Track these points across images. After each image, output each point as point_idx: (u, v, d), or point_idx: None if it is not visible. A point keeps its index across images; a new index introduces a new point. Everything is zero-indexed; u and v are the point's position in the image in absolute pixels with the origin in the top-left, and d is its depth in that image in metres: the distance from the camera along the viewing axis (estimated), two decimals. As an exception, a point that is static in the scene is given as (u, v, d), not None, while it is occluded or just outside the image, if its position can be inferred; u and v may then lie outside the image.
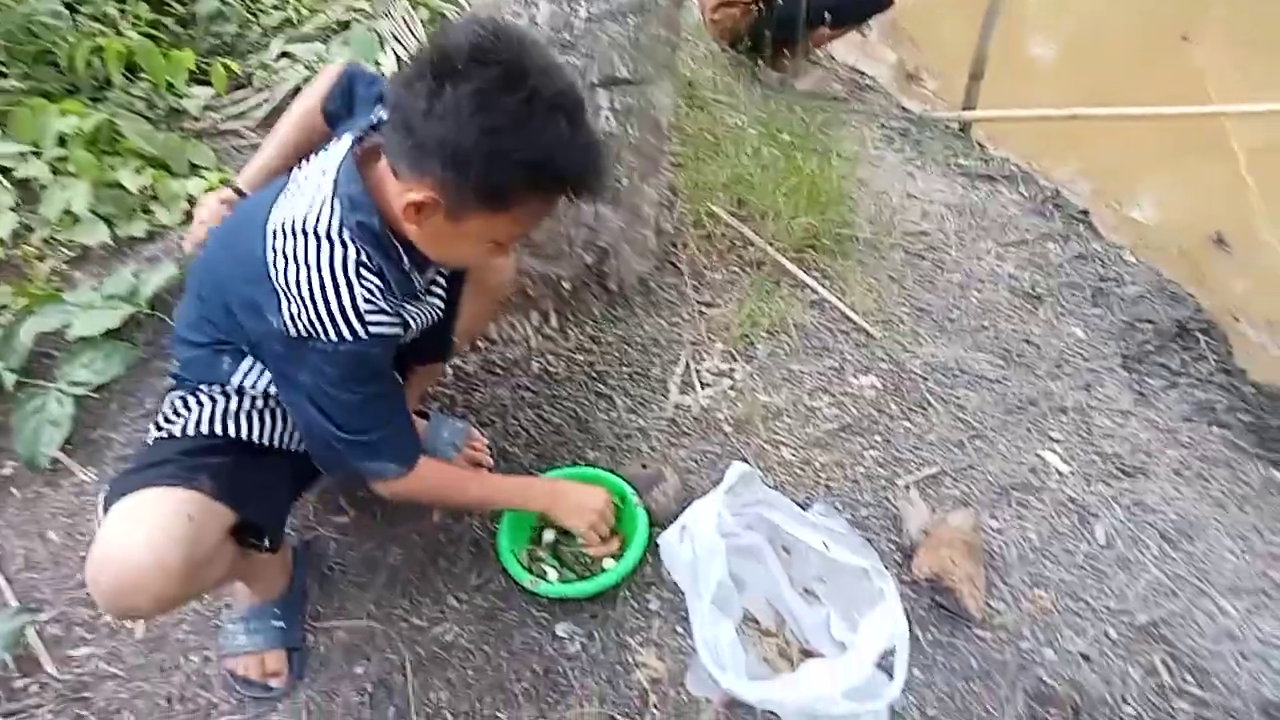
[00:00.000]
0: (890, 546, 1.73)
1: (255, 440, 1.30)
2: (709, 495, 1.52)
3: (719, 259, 2.32)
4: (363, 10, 2.97)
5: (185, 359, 1.32)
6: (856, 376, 2.07)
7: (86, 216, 2.08)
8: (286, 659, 1.48)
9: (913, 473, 1.87)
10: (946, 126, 3.24)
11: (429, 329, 1.47)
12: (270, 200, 1.21)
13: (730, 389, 2.00)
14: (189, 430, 1.25)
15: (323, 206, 1.17)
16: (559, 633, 1.56)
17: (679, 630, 1.56)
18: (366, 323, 1.15)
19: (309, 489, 1.58)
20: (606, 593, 1.58)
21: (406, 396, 1.71)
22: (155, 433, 1.28)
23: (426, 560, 1.65)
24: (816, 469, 1.86)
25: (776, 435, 1.91)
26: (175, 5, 2.77)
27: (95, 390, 1.84)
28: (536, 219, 1.25)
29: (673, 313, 2.16)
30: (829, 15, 3.04)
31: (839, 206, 2.49)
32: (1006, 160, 3.15)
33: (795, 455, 1.88)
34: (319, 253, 1.14)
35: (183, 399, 1.29)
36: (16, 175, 2.05)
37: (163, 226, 2.17)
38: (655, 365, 2.03)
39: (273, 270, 1.13)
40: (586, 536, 1.57)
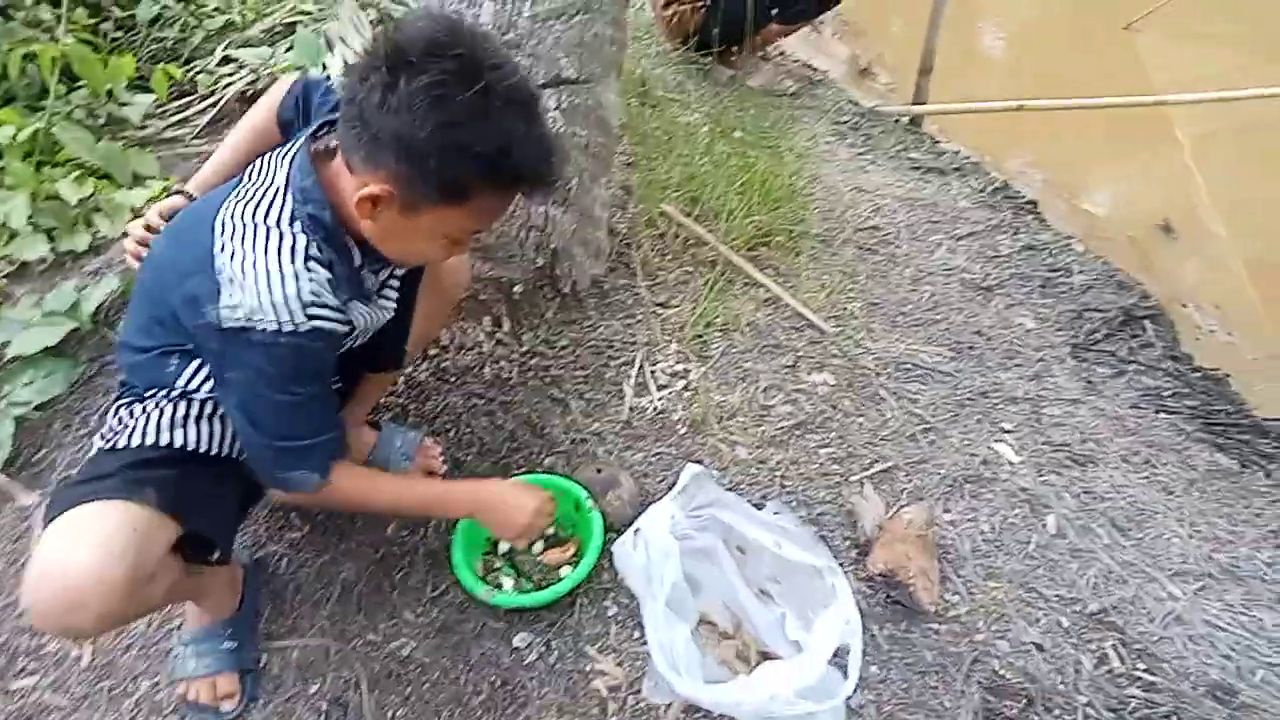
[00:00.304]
0: (846, 543, 1.74)
1: (203, 450, 1.27)
2: (663, 499, 1.52)
3: (673, 258, 2.32)
4: (308, 13, 2.92)
5: (132, 364, 1.29)
6: (810, 373, 2.08)
7: (25, 230, 2.03)
8: (239, 681, 1.45)
9: (867, 468, 1.88)
10: (897, 120, 3.27)
11: (381, 335, 1.46)
12: (222, 197, 1.20)
13: (685, 389, 2.00)
14: (134, 441, 1.23)
15: (274, 198, 1.17)
16: (516, 643, 1.55)
17: (637, 636, 1.56)
18: (309, 314, 1.14)
19: (260, 500, 1.56)
20: (563, 600, 1.57)
21: (360, 406, 1.70)
22: (100, 444, 1.26)
23: (381, 574, 1.63)
24: (772, 467, 1.86)
25: (731, 435, 1.92)
26: (114, 10, 2.71)
27: (37, 409, 1.80)
28: (492, 214, 1.26)
29: (627, 314, 2.16)
30: (775, 13, 3.05)
31: (791, 203, 2.50)
32: (957, 153, 3.18)
33: (750, 454, 1.88)
34: (267, 240, 1.13)
35: (128, 408, 1.27)
36: (-52, 189, 2.00)
37: (106, 239, 2.12)
38: (609, 368, 2.02)
39: (218, 260, 1.12)
40: (516, 544, 1.56)
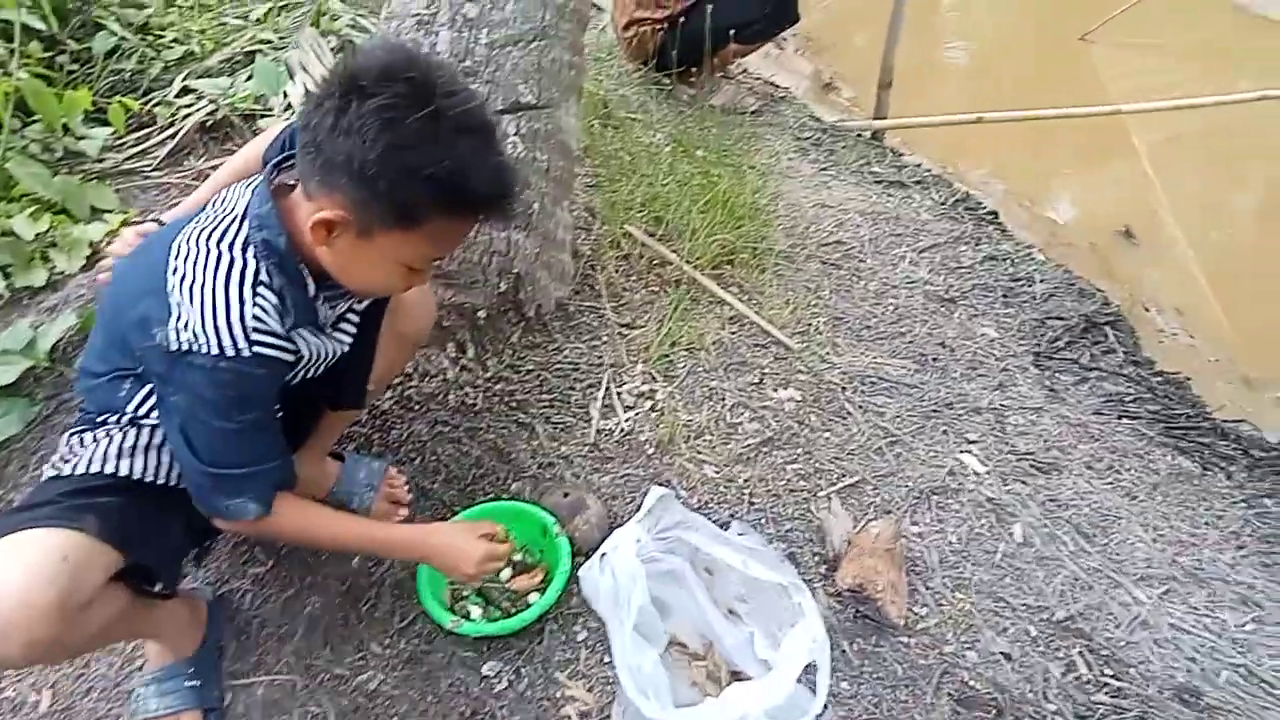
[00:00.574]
0: (815, 558, 1.74)
1: (150, 479, 1.26)
2: (629, 522, 1.52)
3: (637, 279, 2.33)
4: (268, 41, 2.92)
5: (88, 389, 1.29)
6: (776, 390, 2.09)
7: (-22, 267, 2.00)
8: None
9: (834, 483, 1.89)
10: (859, 135, 3.31)
11: (342, 373, 1.45)
12: (185, 223, 1.21)
13: (652, 410, 2.00)
14: (80, 469, 1.22)
15: (230, 223, 1.18)
16: (486, 672, 1.53)
17: (607, 660, 1.55)
18: (251, 340, 1.13)
19: (218, 534, 1.54)
20: (532, 627, 1.56)
21: (322, 440, 1.68)
22: (48, 472, 1.24)
23: (347, 606, 1.62)
24: (740, 485, 1.87)
25: (699, 454, 1.92)
26: (69, 43, 2.69)
27: (-8, 450, 1.77)
28: (448, 241, 1.25)
29: (592, 336, 2.16)
30: (734, 33, 3.08)
31: (755, 220, 2.51)
32: (919, 166, 3.22)
33: (718, 473, 1.89)
34: (217, 264, 1.14)
35: (79, 436, 1.26)
36: (-101, 227, 1.98)
37: (63, 274, 2.10)
38: (576, 391, 2.02)
39: (169, 282, 1.13)
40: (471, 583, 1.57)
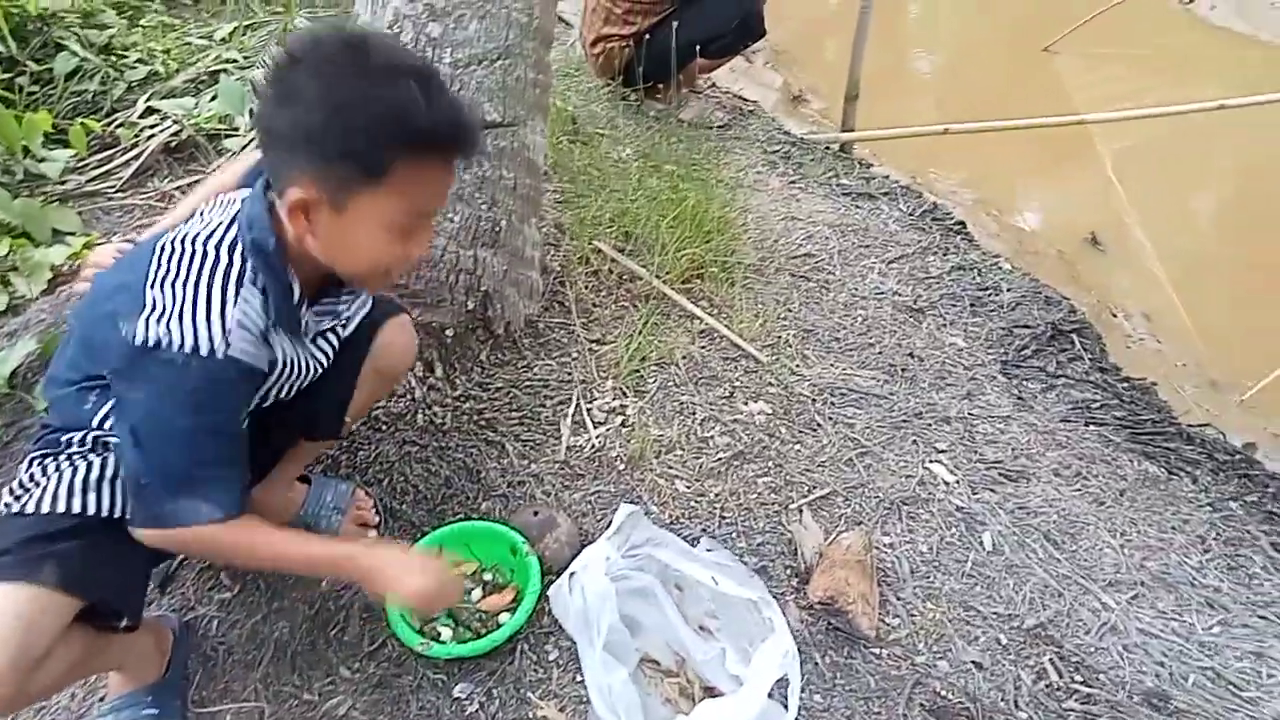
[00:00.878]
0: (787, 571, 1.74)
1: (110, 514, 1.22)
2: (598, 540, 1.52)
3: (607, 294, 2.33)
4: (233, 61, 2.91)
5: (55, 398, 1.27)
6: (747, 403, 2.10)
7: (-65, 293, 1.98)
8: (161, 750, 1.40)
9: (805, 495, 1.89)
10: (827, 148, 3.33)
11: (319, 401, 1.43)
12: (170, 228, 1.21)
13: (622, 425, 2.00)
14: (43, 506, 1.18)
15: (219, 226, 1.18)
16: (457, 694, 1.52)
17: (579, 679, 1.54)
18: (229, 341, 1.11)
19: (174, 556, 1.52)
20: (503, 647, 1.55)
21: (291, 465, 1.66)
22: (7, 499, 1.21)
23: (315, 630, 1.60)
24: (711, 500, 1.87)
25: (670, 469, 1.92)
26: (29, 64, 2.67)
27: (-52, 481, 1.74)
28: (423, 190, 1.19)
29: (562, 353, 2.16)
30: (700, 49, 3.10)
31: (724, 234, 2.53)
32: (887, 177, 3.25)
33: (689, 488, 1.89)
34: (203, 263, 1.13)
35: (40, 463, 1.23)
36: None
37: (24, 299, 2.07)
38: (546, 408, 2.02)
39: (149, 278, 1.11)
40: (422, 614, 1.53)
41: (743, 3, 3.20)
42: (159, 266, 1.13)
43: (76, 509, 1.20)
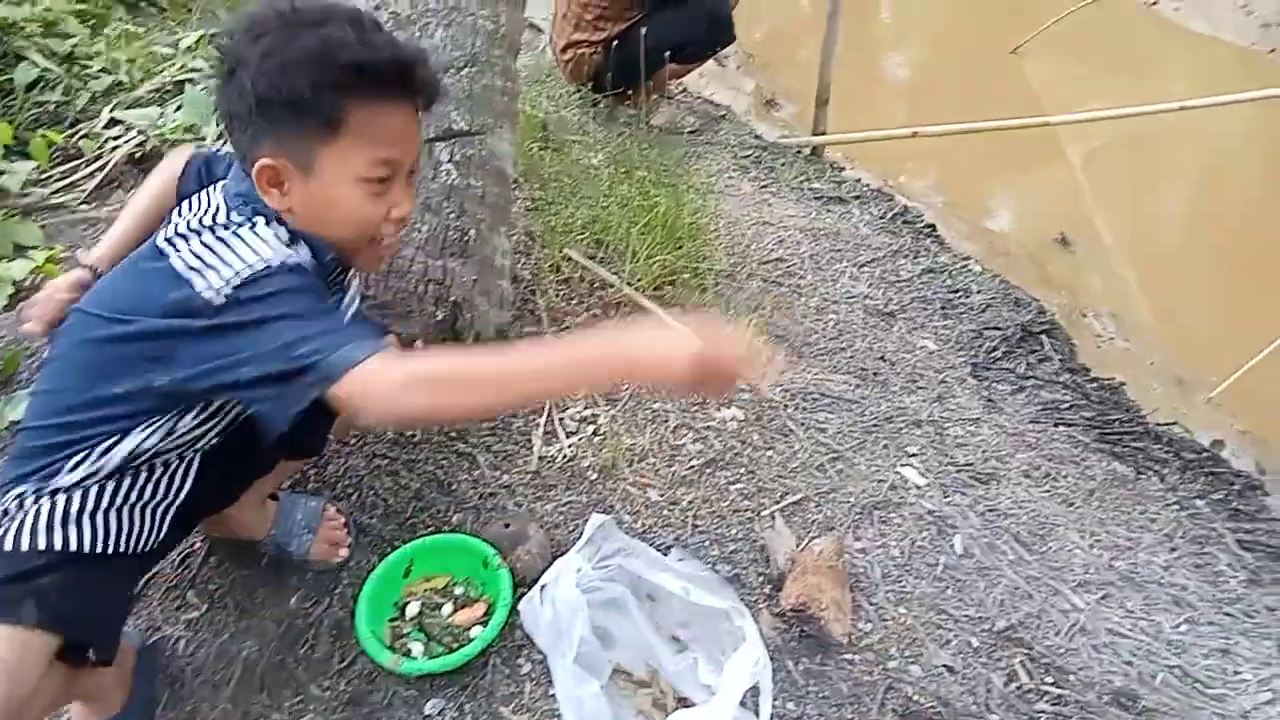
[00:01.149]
0: (760, 578, 1.74)
1: (95, 550, 1.18)
2: (569, 552, 1.51)
3: (579, 302, 2.32)
4: (198, 70, 2.88)
5: (25, 452, 1.20)
6: (719, 410, 2.09)
7: (-111, 312, 1.94)
8: (125, 781, 1.37)
9: (778, 501, 1.89)
10: (799, 152, 3.35)
11: (310, 417, 1.41)
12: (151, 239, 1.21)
13: (594, 435, 1.99)
14: (22, 543, 1.13)
15: (216, 209, 1.18)
16: (428, 710, 1.50)
17: (551, 693, 1.53)
18: (290, 250, 1.15)
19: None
20: (474, 662, 1.54)
21: (267, 484, 1.63)
22: None
23: (284, 648, 1.57)
24: (684, 508, 1.86)
25: (642, 477, 1.91)
26: (-11, 76, 2.63)
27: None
28: (383, 134, 1.16)
29: (534, 361, 2.15)
30: (670, 54, 3.10)
31: (695, 240, 2.52)
32: (858, 181, 3.27)
33: (662, 496, 1.88)
34: (225, 227, 1.14)
35: (18, 499, 1.17)
36: None
37: (-17, 316, 2.04)
38: (517, 418, 2.01)
39: (182, 262, 1.10)
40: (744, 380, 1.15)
41: (713, 8, 3.20)
42: (184, 250, 1.11)
43: (59, 545, 1.15)
